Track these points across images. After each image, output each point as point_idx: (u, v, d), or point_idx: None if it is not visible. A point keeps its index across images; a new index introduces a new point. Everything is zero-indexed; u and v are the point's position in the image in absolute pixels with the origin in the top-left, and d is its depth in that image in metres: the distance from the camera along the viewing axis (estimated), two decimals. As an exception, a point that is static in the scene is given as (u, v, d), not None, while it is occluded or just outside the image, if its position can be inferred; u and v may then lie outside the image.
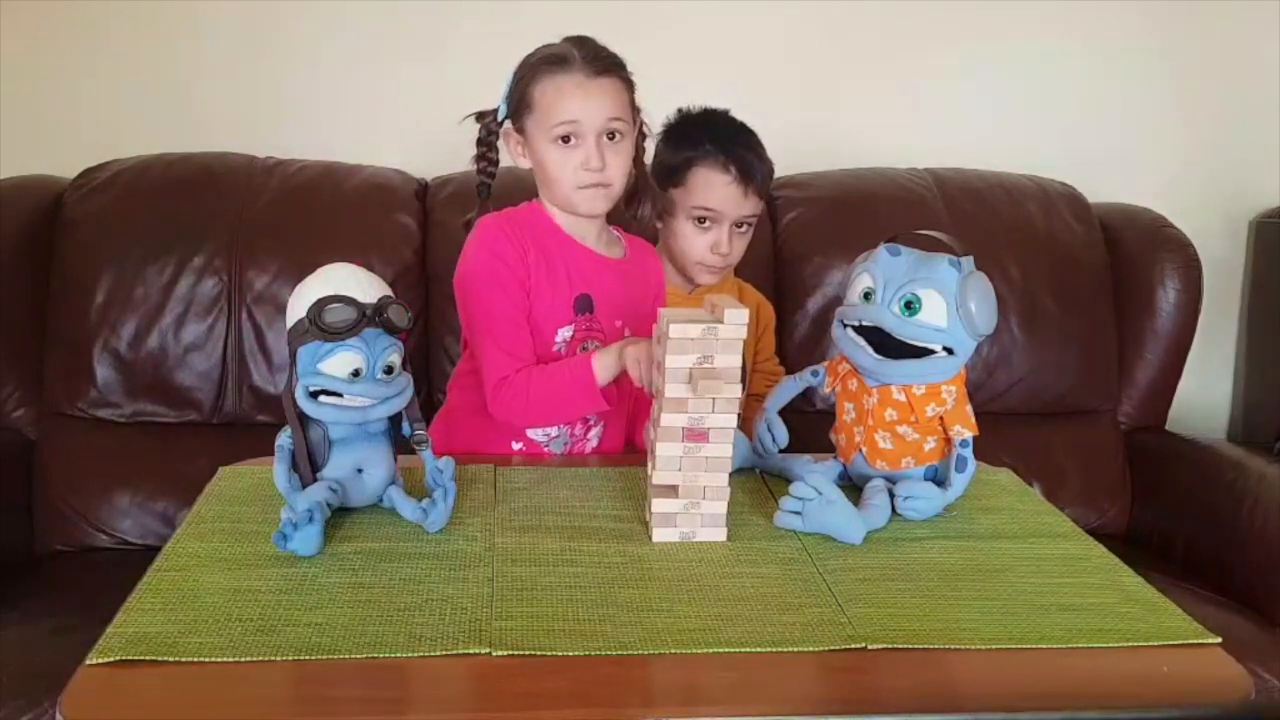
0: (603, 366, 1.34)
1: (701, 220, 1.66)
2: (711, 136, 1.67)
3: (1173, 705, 0.93)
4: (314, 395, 1.12)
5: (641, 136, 1.49)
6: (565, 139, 1.38)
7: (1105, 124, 2.28)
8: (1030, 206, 2.09)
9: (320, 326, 1.09)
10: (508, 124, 1.44)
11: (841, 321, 1.23)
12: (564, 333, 1.43)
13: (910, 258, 1.20)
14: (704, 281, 1.71)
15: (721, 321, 1.10)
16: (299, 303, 1.13)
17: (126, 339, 1.86)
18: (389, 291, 1.16)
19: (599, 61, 1.39)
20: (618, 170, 1.41)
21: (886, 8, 2.19)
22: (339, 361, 1.11)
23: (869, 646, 0.96)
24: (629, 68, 1.41)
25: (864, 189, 2.09)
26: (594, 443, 1.49)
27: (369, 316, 1.11)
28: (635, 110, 1.45)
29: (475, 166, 1.49)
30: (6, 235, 1.87)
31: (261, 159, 2.00)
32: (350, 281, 1.14)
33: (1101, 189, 2.18)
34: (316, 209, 1.94)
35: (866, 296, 1.21)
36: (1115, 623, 1.02)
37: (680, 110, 1.72)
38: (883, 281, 1.19)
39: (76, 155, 1.97)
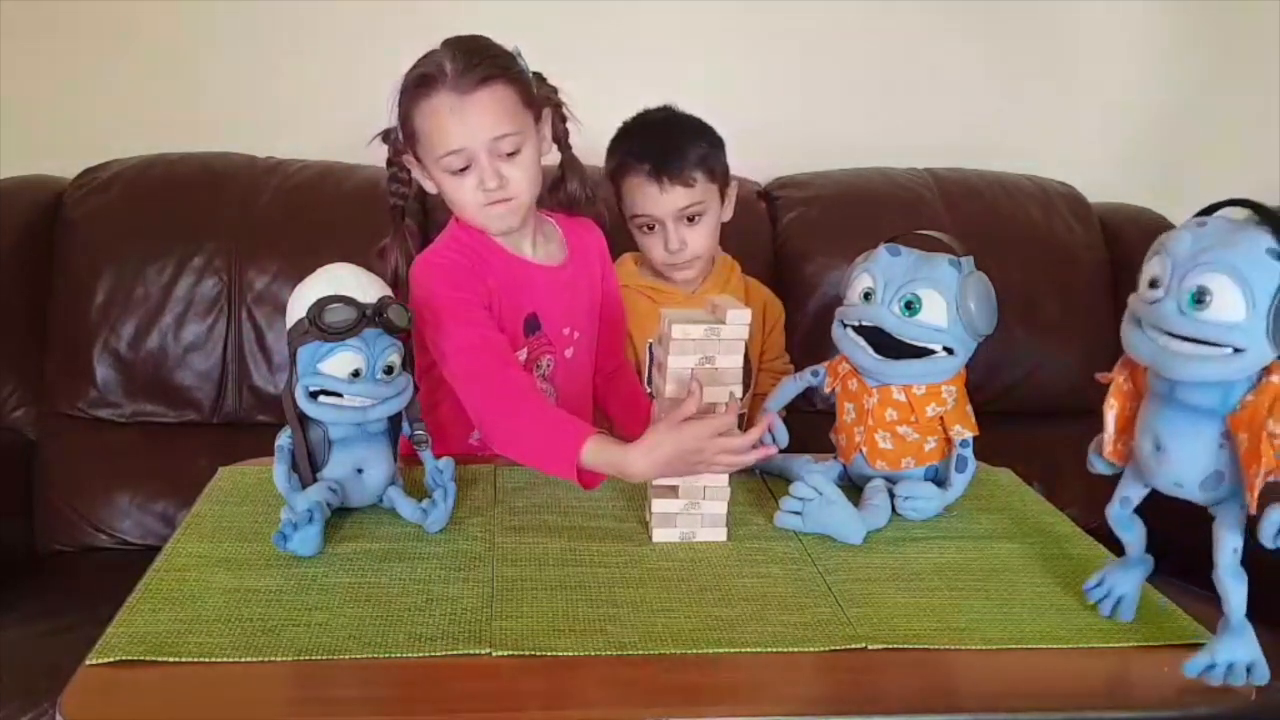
0: (595, 455, 1.13)
1: (645, 227, 1.63)
2: (628, 142, 1.63)
3: (1173, 705, 0.93)
4: (314, 395, 1.12)
5: (562, 119, 1.42)
6: (456, 169, 1.31)
7: (1105, 124, 2.28)
8: (1030, 206, 2.09)
9: (320, 326, 1.09)
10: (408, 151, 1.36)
11: (841, 321, 1.23)
12: (518, 356, 1.39)
13: (910, 258, 1.20)
14: (681, 278, 1.67)
15: (724, 322, 1.10)
16: (299, 303, 1.13)
17: (126, 339, 1.86)
18: (389, 291, 1.16)
19: (471, 73, 1.28)
20: (520, 182, 1.32)
21: (888, 7, 2.19)
22: (339, 362, 1.11)
23: (869, 646, 0.96)
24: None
25: (864, 189, 2.08)
26: None
27: (369, 316, 1.11)
28: (532, 104, 1.34)
29: (387, 189, 1.40)
30: (6, 235, 1.87)
31: (261, 159, 2.00)
32: (350, 281, 1.14)
33: (1101, 189, 2.18)
34: (316, 209, 1.93)
35: (866, 296, 1.21)
36: (1115, 623, 1.02)
37: (624, 121, 1.67)
38: (883, 281, 1.19)
39: (76, 155, 1.96)
